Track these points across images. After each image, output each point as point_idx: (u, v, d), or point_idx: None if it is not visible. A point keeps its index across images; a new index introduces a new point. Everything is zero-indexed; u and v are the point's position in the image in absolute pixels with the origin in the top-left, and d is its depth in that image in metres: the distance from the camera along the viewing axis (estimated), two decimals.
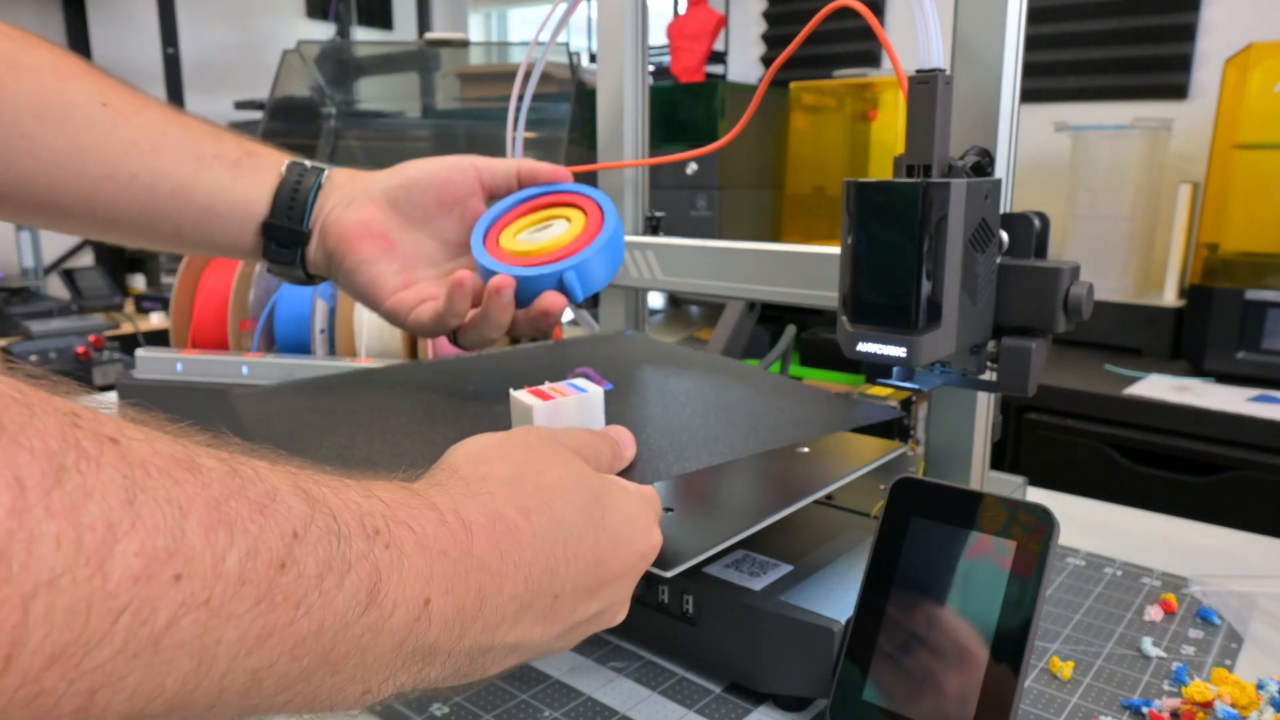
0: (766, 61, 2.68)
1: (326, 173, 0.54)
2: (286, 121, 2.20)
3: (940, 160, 0.43)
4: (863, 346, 0.44)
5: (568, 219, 0.56)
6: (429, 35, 2.47)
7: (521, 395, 0.45)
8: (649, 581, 0.51)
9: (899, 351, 0.43)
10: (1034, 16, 2.02)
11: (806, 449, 0.59)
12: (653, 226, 0.78)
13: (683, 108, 2.19)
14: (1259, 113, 1.54)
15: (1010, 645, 0.41)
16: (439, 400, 0.55)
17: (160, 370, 0.82)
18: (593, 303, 0.76)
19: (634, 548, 0.36)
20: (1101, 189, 1.84)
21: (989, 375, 0.49)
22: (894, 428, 0.72)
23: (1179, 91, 1.98)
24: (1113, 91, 2.07)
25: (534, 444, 0.36)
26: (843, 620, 0.46)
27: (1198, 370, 1.62)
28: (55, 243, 3.06)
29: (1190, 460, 1.44)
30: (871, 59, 2.40)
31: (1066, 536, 0.70)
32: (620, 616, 0.38)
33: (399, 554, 0.26)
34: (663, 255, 0.70)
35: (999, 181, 0.46)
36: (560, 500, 0.33)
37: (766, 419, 0.53)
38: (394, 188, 0.54)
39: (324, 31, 3.39)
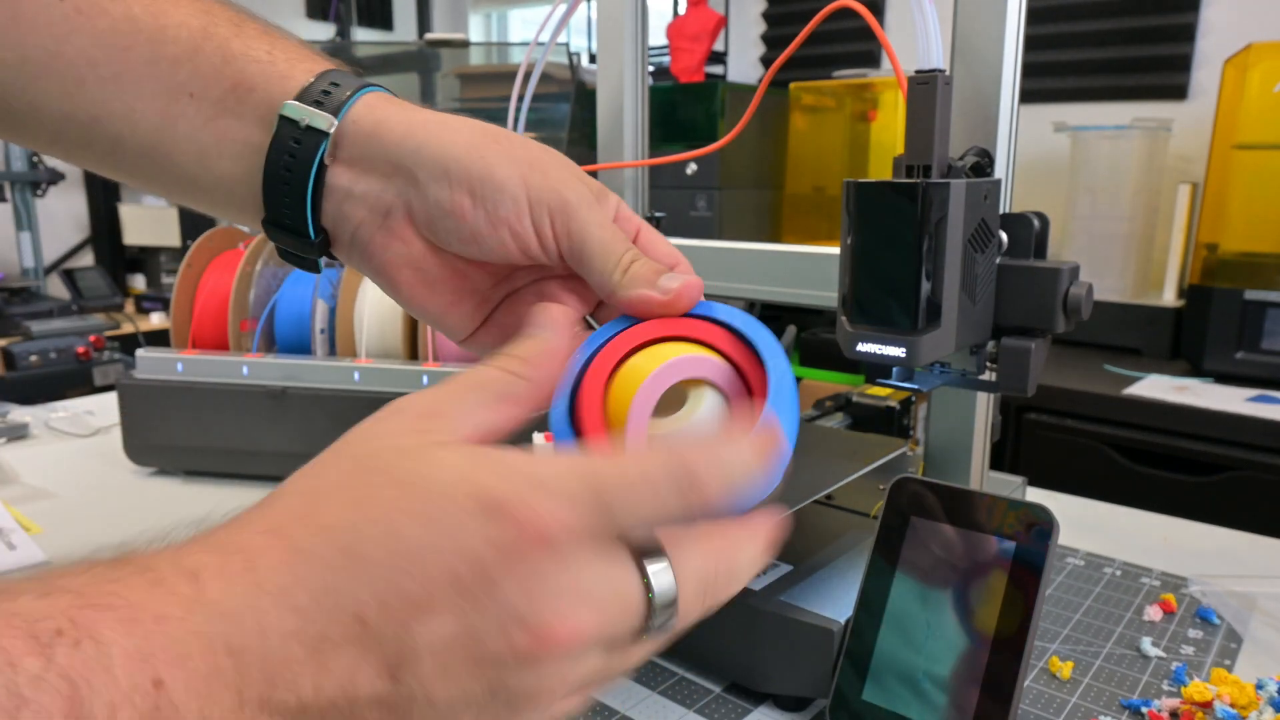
0: (766, 62, 2.68)
1: (332, 136, 0.36)
2: None
3: (940, 160, 0.43)
4: (862, 346, 0.44)
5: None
6: (429, 35, 2.48)
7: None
8: None
9: (898, 352, 0.43)
10: (1034, 16, 2.02)
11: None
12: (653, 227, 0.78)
13: (683, 108, 2.19)
14: (1258, 113, 1.54)
15: (1010, 645, 0.41)
16: None
17: (160, 370, 0.82)
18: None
19: (464, 526, 0.23)
20: (1101, 189, 1.84)
21: (988, 375, 0.49)
22: (894, 427, 0.72)
23: (1178, 92, 1.99)
24: (1112, 92, 2.07)
25: (339, 440, 0.27)
26: (843, 620, 0.46)
27: (1197, 370, 1.62)
28: (55, 243, 3.06)
29: (1190, 460, 1.44)
30: (871, 59, 2.40)
31: (1066, 536, 0.70)
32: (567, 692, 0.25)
33: (96, 646, 0.21)
34: None
35: (998, 182, 0.46)
36: (328, 500, 0.25)
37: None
38: (442, 219, 0.36)
39: (324, 32, 3.39)
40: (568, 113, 2.21)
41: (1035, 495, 0.77)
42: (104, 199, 3.09)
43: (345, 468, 0.26)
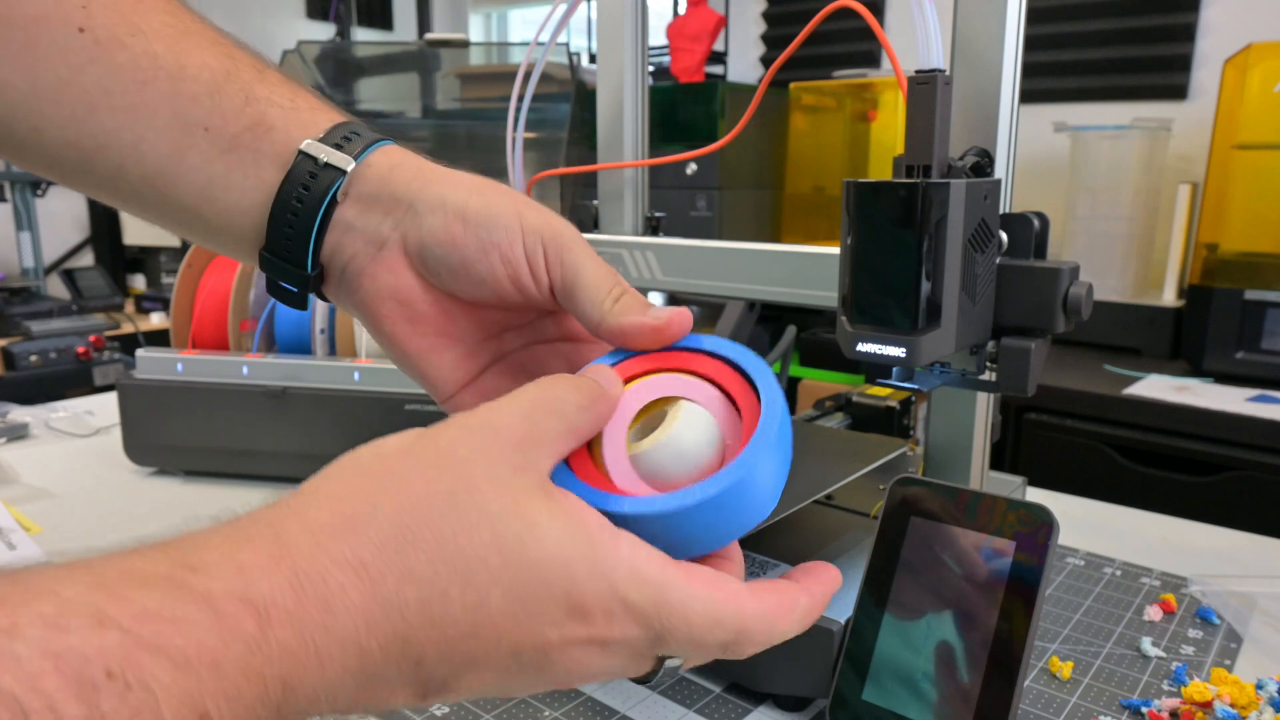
0: (766, 61, 2.68)
1: (349, 176, 0.37)
2: None
3: (940, 160, 0.43)
4: (863, 347, 0.44)
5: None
6: (429, 35, 2.48)
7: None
8: None
9: (898, 352, 0.43)
10: (1034, 16, 2.02)
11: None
12: (653, 227, 0.78)
13: (683, 108, 2.19)
14: (1258, 113, 1.54)
15: (1009, 645, 0.41)
16: None
17: (160, 370, 0.82)
18: None
19: (542, 619, 0.26)
20: (1101, 189, 1.84)
21: (989, 375, 0.49)
22: (894, 427, 0.72)
23: (1179, 92, 1.99)
24: (1113, 91, 2.07)
25: (434, 452, 0.27)
26: (842, 620, 0.46)
27: (1197, 370, 1.62)
28: (55, 243, 3.06)
29: (1190, 460, 1.44)
30: (871, 59, 2.40)
31: (1066, 536, 0.70)
32: (580, 681, 0.29)
33: (146, 692, 0.21)
34: (662, 255, 0.70)
35: (998, 182, 0.46)
36: (422, 544, 0.25)
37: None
38: (434, 247, 0.37)
39: (324, 32, 3.39)
40: (568, 113, 2.20)
41: (1035, 495, 0.77)
42: None
43: (439, 502, 0.26)
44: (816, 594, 0.31)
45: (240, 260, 0.41)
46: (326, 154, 0.37)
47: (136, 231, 3.05)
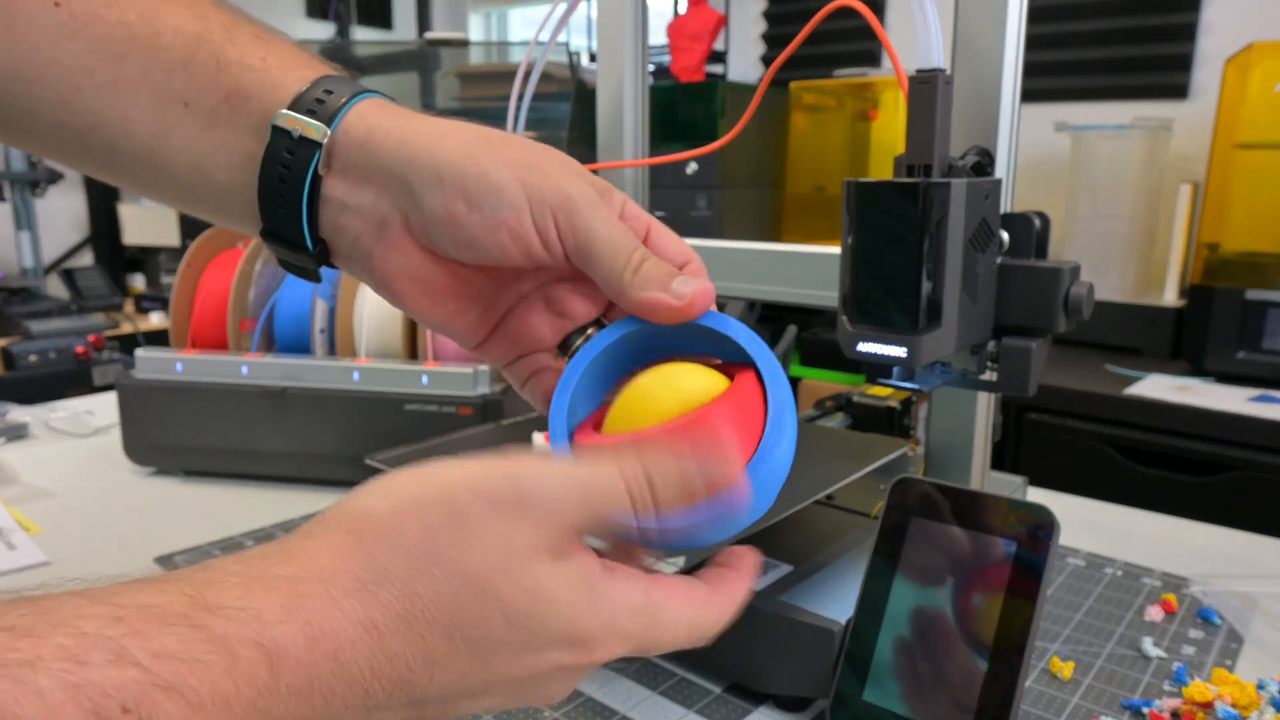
0: (766, 61, 2.68)
1: (325, 145, 0.35)
2: None
3: (940, 160, 0.43)
4: (863, 346, 0.44)
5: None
6: (429, 35, 2.47)
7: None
8: None
9: (899, 351, 0.43)
10: (1034, 16, 2.01)
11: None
12: None
13: (683, 108, 2.19)
14: (1259, 112, 1.54)
15: (1010, 645, 0.41)
16: None
17: (160, 370, 0.82)
18: None
19: (544, 658, 0.28)
20: (1101, 189, 1.84)
21: (989, 375, 0.49)
22: (894, 427, 0.72)
23: (1179, 91, 1.98)
24: (1113, 91, 2.07)
25: (448, 508, 0.27)
26: (843, 620, 0.46)
27: (1198, 370, 1.62)
28: (55, 242, 3.06)
29: (1190, 460, 1.44)
30: (871, 59, 2.39)
31: (1066, 536, 0.70)
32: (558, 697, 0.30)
33: None
34: None
35: (999, 181, 0.46)
36: (432, 613, 0.26)
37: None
38: (437, 226, 0.35)
39: (324, 31, 3.39)
40: (568, 112, 2.20)
41: (1036, 495, 0.77)
42: (103, 199, 3.09)
43: (454, 583, 0.26)
44: (749, 574, 0.33)
45: (251, 235, 0.40)
46: (301, 127, 0.35)
47: (136, 231, 3.04)
